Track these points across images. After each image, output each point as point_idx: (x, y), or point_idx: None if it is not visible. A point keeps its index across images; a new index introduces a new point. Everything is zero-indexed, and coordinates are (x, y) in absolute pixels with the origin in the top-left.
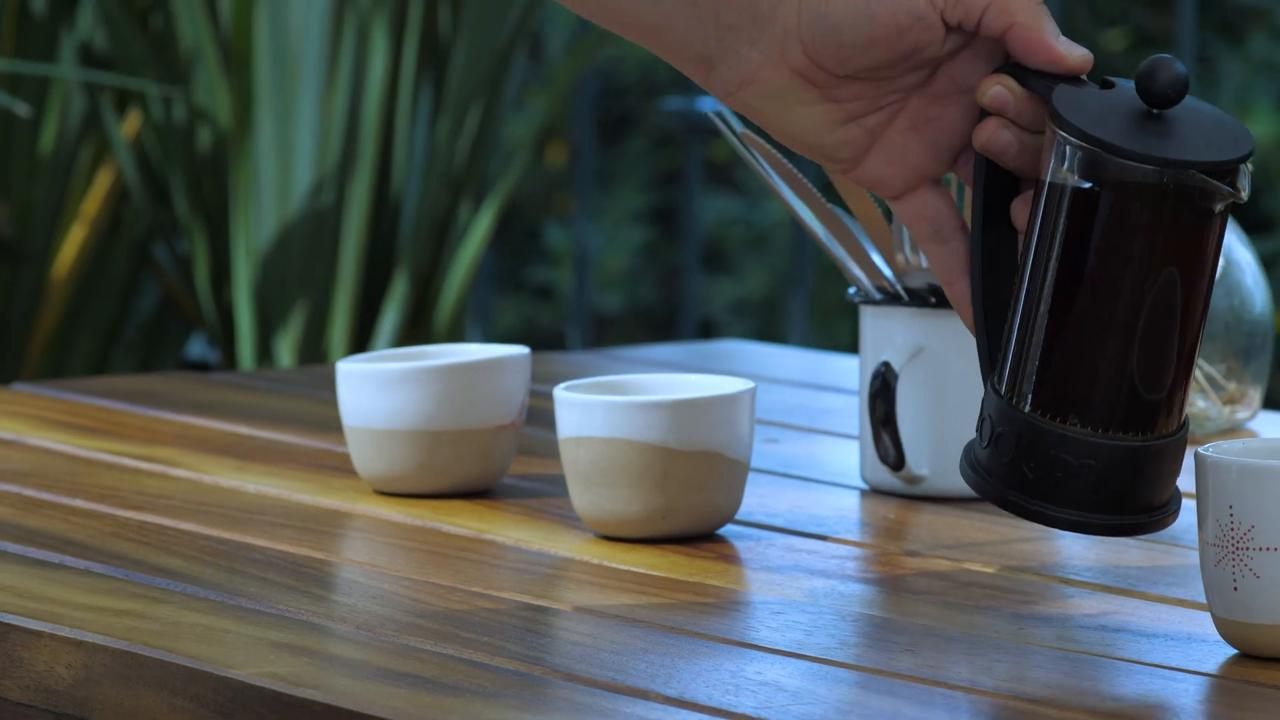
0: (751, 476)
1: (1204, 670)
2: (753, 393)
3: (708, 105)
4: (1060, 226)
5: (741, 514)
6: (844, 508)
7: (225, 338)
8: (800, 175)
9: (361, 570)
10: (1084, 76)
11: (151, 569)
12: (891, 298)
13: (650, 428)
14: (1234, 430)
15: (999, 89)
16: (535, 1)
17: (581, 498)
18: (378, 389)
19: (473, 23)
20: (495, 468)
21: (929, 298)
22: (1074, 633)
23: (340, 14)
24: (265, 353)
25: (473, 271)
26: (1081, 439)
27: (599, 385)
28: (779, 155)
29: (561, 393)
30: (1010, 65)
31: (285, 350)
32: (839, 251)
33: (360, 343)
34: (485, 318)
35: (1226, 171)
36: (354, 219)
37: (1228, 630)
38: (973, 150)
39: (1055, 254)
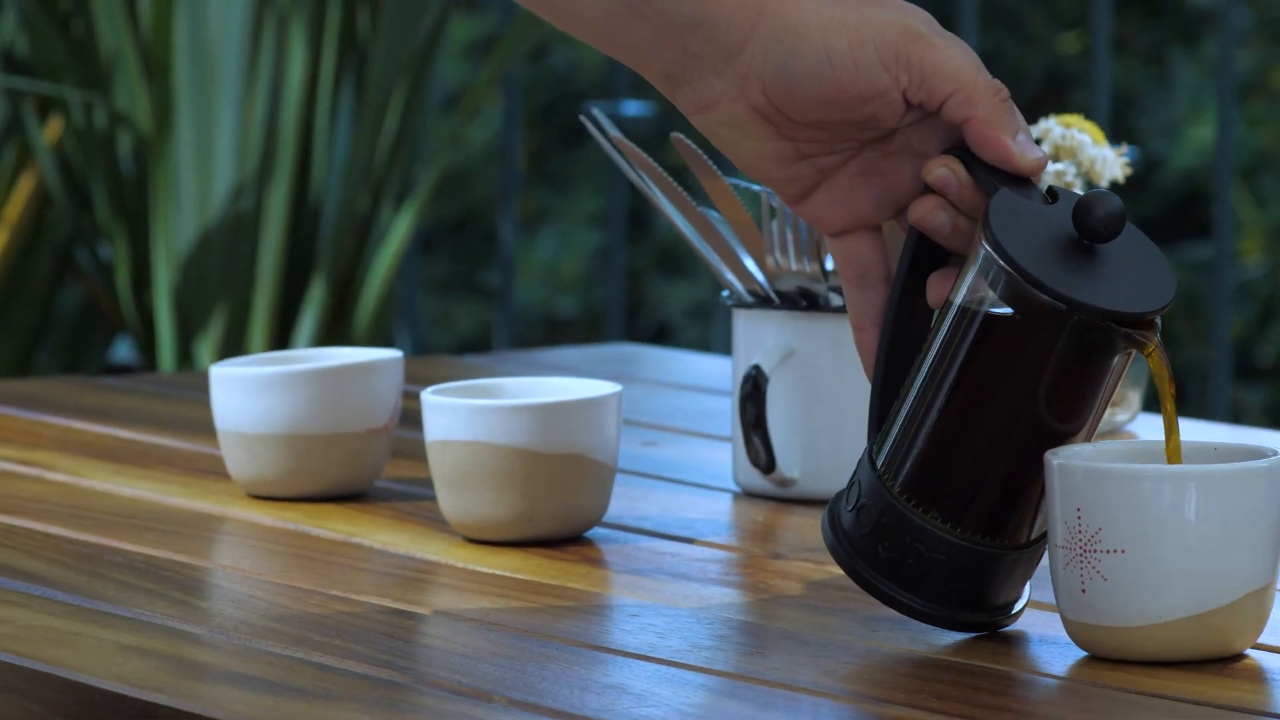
0: (625, 479)
1: (1052, 673)
2: (619, 396)
3: (631, 110)
4: (968, 329)
5: (611, 517)
6: (714, 511)
7: (147, 341)
8: (671, 180)
9: (224, 574)
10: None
11: (13, 573)
12: (763, 301)
13: (515, 431)
14: (1114, 432)
15: (945, 171)
16: (452, 3)
17: (448, 501)
18: (249, 393)
19: (390, 25)
20: (367, 471)
21: (800, 301)
22: (928, 636)
23: (259, 18)
24: (186, 356)
25: (393, 274)
26: (939, 534)
27: (467, 389)
28: (650, 160)
29: (428, 396)
30: (964, 148)
31: (206, 353)
32: (711, 255)
33: (280, 346)
34: (414, 320)
35: (1138, 322)
36: (273, 222)
37: (1077, 632)
38: None
39: (957, 352)
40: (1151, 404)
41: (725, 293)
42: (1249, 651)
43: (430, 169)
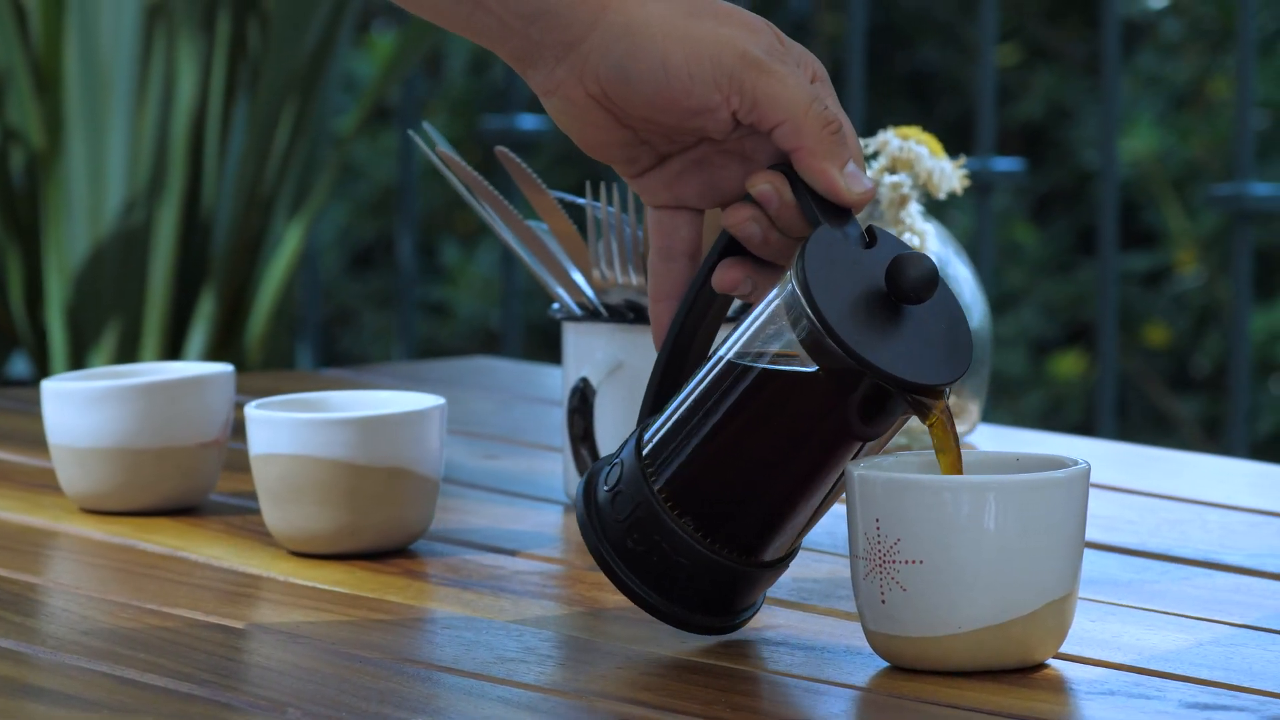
0: (460, 491)
1: (853, 683)
2: (442, 409)
3: (528, 124)
4: (759, 357)
5: (439, 529)
6: (542, 523)
7: (40, 354)
8: (497, 193)
9: (42, 588)
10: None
11: None
12: (591, 314)
13: (336, 444)
14: None
15: (768, 188)
16: (339, 16)
17: (272, 514)
18: (80, 407)
19: (279, 38)
20: (199, 484)
21: (627, 314)
22: (730, 647)
23: (149, 33)
24: (79, 369)
25: (284, 287)
26: (689, 542)
27: (292, 403)
28: (476, 174)
29: (251, 410)
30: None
31: (99, 366)
32: (539, 269)
33: (172, 359)
34: (316, 336)
35: (924, 391)
36: (163, 237)
37: (878, 643)
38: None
39: (744, 377)
40: (990, 415)
41: (555, 306)
42: (1050, 661)
43: (320, 183)
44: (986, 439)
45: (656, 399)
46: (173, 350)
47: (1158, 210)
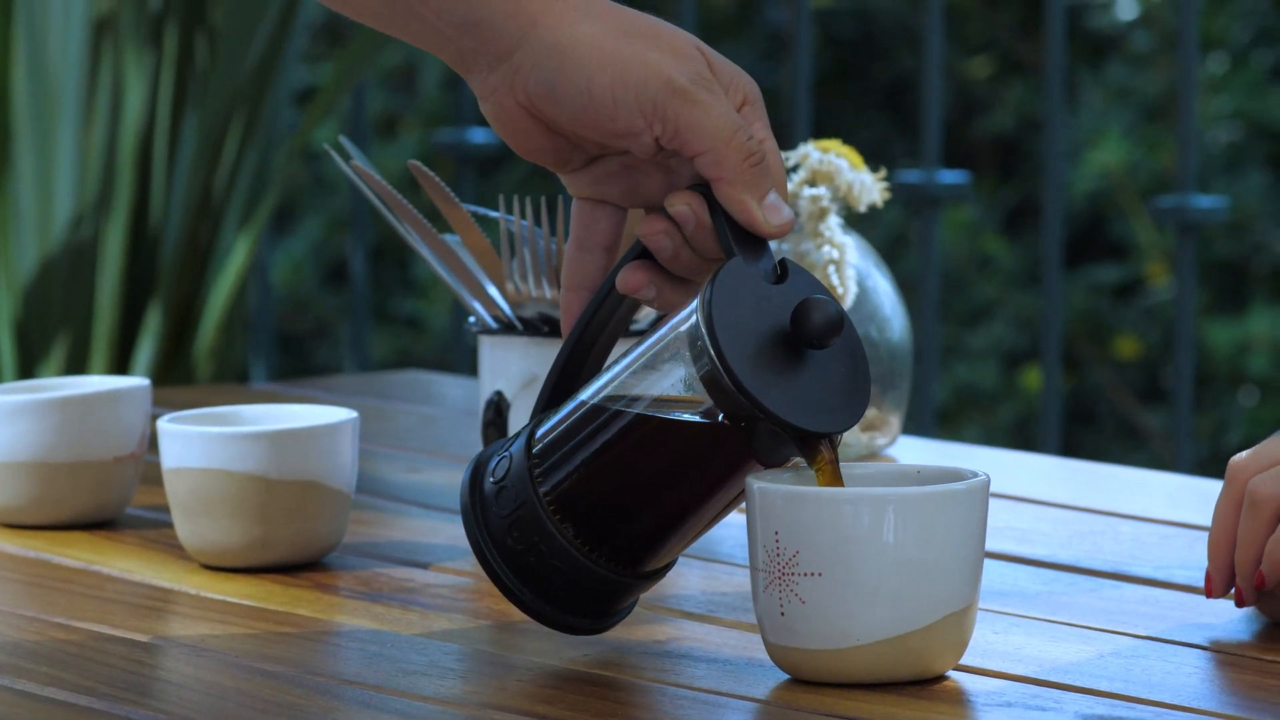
0: (376, 504)
1: (752, 695)
2: (354, 423)
3: (478, 137)
4: (662, 371)
5: (354, 542)
6: (458, 536)
7: None
8: (412, 208)
9: None
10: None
11: None
12: (506, 327)
13: (247, 458)
14: (873, 456)
15: (685, 210)
16: (286, 28)
17: (184, 528)
18: None
19: (225, 51)
20: (115, 498)
21: (542, 327)
22: (635, 659)
23: (97, 48)
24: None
25: (231, 301)
26: (565, 546)
27: (204, 416)
28: (391, 189)
29: (164, 424)
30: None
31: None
32: (454, 282)
33: (121, 373)
34: (268, 351)
35: (811, 437)
36: (111, 251)
37: (777, 655)
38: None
39: (640, 387)
40: (909, 426)
41: (471, 319)
42: (949, 673)
43: (269, 195)
44: (907, 451)
45: (554, 393)
46: (121, 363)
47: (1127, 222)
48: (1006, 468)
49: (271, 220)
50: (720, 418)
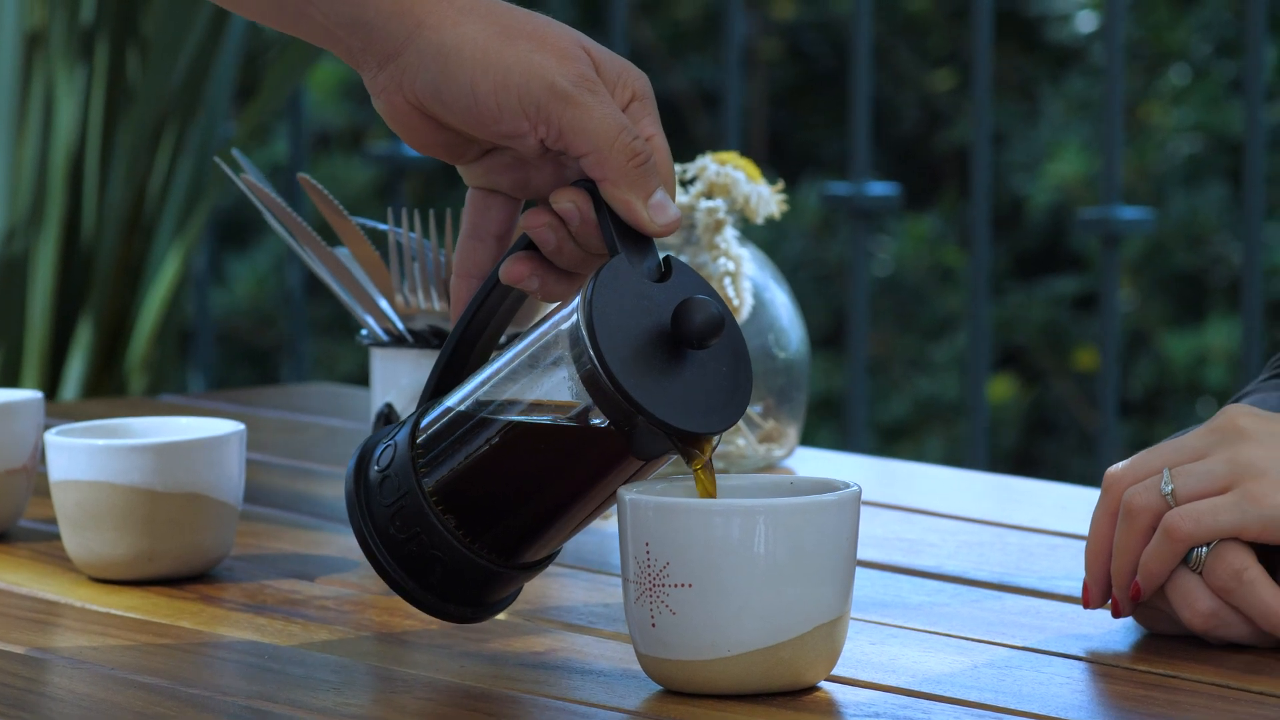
0: (269, 515)
1: (624, 707)
2: (241, 435)
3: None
4: (543, 368)
5: (244, 554)
6: (347, 548)
7: None
8: (301, 221)
9: None
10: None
11: None
12: (396, 340)
13: (133, 470)
14: (770, 468)
15: (570, 207)
16: (217, 39)
17: (72, 540)
18: None
19: (155, 64)
20: (7, 511)
21: (432, 340)
22: (512, 670)
23: (29, 64)
24: None
25: (165, 313)
26: (447, 537)
27: (93, 429)
28: (281, 202)
29: (51, 437)
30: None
31: None
32: (344, 295)
33: (52, 388)
34: (208, 363)
35: (690, 437)
36: (43, 266)
37: (649, 666)
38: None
39: (523, 384)
40: (808, 438)
41: (363, 332)
42: (822, 684)
43: (201, 207)
44: (805, 463)
45: (440, 382)
46: (53, 377)
47: (1084, 236)
48: (900, 478)
49: (211, 232)
50: (593, 421)
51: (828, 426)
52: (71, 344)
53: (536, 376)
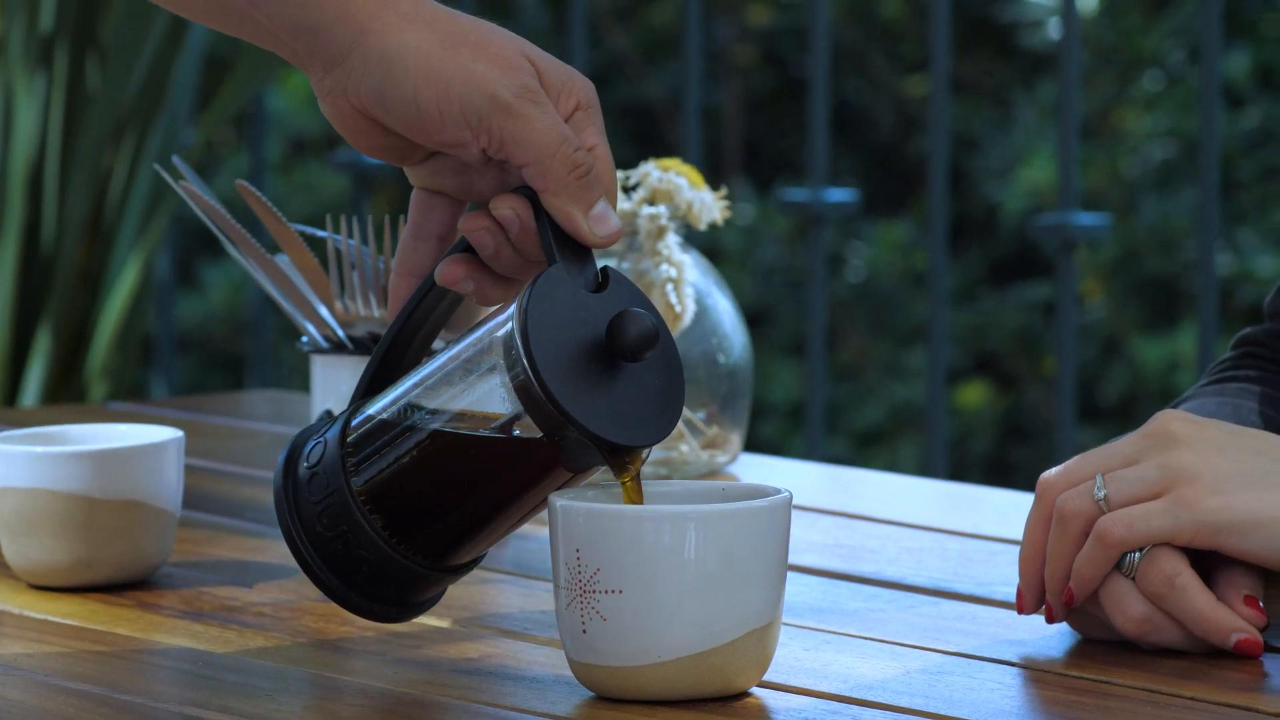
0: (210, 522)
1: (554, 713)
2: (179, 443)
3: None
4: (477, 374)
5: (183, 560)
6: (286, 555)
7: None
8: (241, 228)
9: None
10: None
11: None
12: (337, 347)
13: (71, 478)
14: (714, 473)
15: (510, 213)
16: (175, 46)
17: (10, 548)
18: None
19: (113, 72)
20: None
21: (371, 346)
22: (445, 677)
23: None
24: None
25: (125, 320)
26: (374, 537)
27: (32, 436)
28: (221, 210)
29: None
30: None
31: None
32: (285, 302)
33: (11, 396)
34: (171, 370)
35: (619, 450)
36: (3, 273)
37: (580, 672)
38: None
39: (455, 389)
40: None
41: (304, 339)
42: (753, 690)
43: (160, 214)
44: (748, 469)
45: (374, 381)
46: (13, 384)
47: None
48: (843, 485)
49: (181, 239)
50: (519, 432)
51: (802, 434)
52: (31, 351)
53: (470, 383)
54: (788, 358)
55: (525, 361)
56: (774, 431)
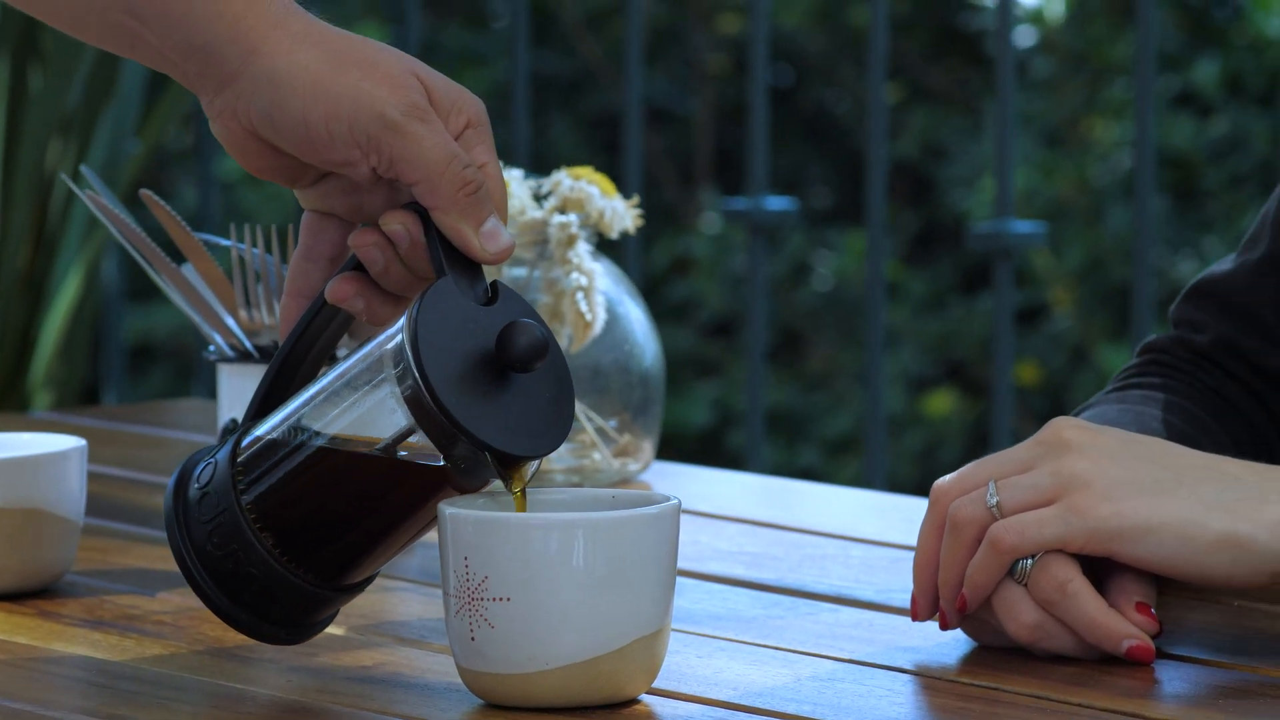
0: (118, 530)
1: (443, 719)
2: (82, 451)
3: None
4: (367, 389)
5: (87, 569)
6: None
7: None
8: (147, 239)
9: None
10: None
11: None
12: (242, 356)
13: None
14: (626, 482)
15: (399, 229)
16: (113, 56)
17: None
18: None
19: (53, 80)
20: None
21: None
22: (338, 685)
23: None
24: None
25: (68, 329)
26: (264, 555)
27: None
28: (127, 220)
29: None
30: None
31: None
32: (191, 312)
33: None
34: (121, 379)
35: (510, 460)
36: None
37: (469, 679)
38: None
39: (345, 405)
40: (664, 452)
41: (210, 348)
42: (642, 696)
43: (101, 226)
44: (659, 477)
45: (265, 402)
46: None
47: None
48: (750, 491)
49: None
50: (406, 452)
51: (771, 443)
52: None
53: (359, 398)
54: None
55: (416, 372)
56: (743, 440)
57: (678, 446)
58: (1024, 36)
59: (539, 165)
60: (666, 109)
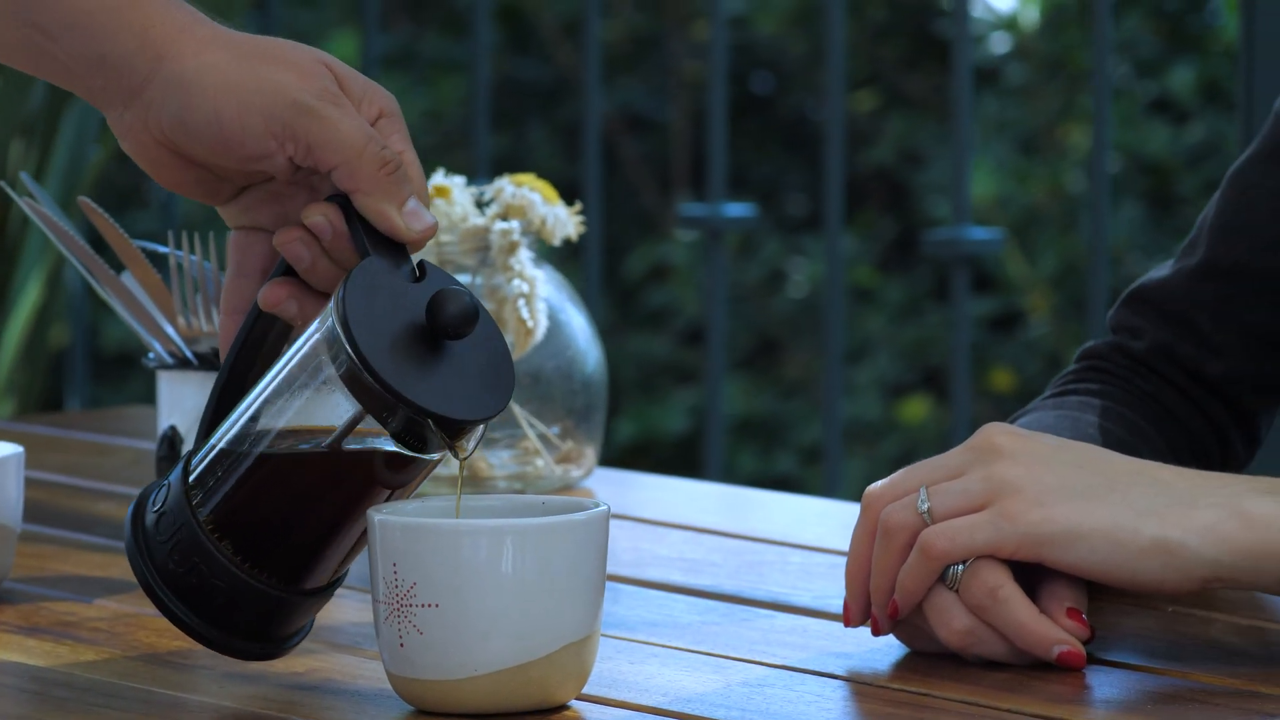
0: (58, 537)
1: None
2: (19, 458)
3: None
4: (303, 382)
5: (25, 576)
6: (129, 570)
7: None
8: (87, 247)
9: None
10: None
11: None
12: (181, 363)
13: None
14: (569, 488)
15: (321, 220)
16: None
17: None
18: None
19: (11, 84)
20: None
21: (215, 361)
22: (269, 691)
23: None
24: None
25: (29, 337)
26: (225, 563)
27: None
28: (66, 228)
29: None
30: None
31: None
32: (130, 318)
33: None
34: (84, 388)
35: (453, 425)
36: None
37: (399, 686)
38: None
39: (285, 400)
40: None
41: (150, 355)
42: (573, 703)
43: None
44: (601, 484)
45: (213, 420)
46: None
47: (997, 257)
48: (691, 497)
49: None
50: (350, 440)
51: (748, 449)
52: None
53: (296, 391)
54: (734, 373)
55: (349, 348)
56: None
57: (655, 454)
58: (998, 43)
59: (516, 172)
60: (644, 116)
